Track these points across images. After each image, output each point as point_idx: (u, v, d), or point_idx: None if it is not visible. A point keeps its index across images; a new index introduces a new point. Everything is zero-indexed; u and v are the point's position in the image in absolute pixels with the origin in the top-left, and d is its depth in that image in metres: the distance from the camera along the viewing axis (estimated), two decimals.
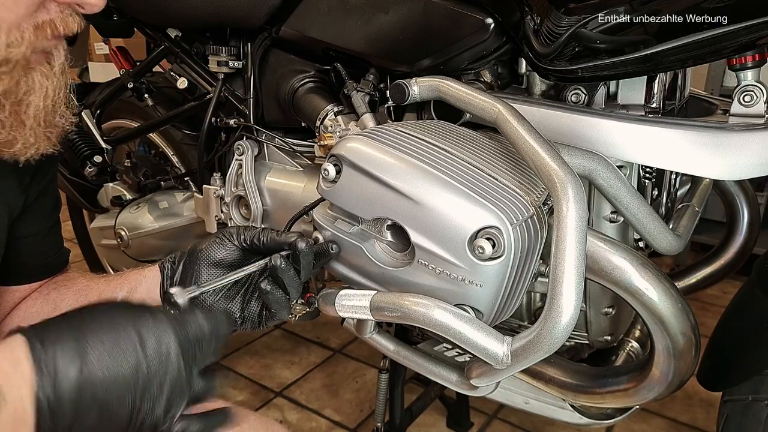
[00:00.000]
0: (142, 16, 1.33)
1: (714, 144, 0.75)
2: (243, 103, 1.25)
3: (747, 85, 0.77)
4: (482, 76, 0.96)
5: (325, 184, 0.74)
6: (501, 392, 1.05)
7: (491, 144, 0.80)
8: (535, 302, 1.02)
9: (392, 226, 0.73)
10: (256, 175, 1.23)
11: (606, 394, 0.88)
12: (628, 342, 1.08)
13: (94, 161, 1.51)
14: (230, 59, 1.24)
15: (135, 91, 1.43)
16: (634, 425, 1.60)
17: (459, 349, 0.85)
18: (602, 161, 0.81)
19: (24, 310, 0.80)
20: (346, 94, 1.04)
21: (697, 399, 1.69)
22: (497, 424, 1.63)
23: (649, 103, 0.86)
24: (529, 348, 0.64)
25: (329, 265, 0.78)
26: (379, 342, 0.89)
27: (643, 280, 0.73)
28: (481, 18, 0.88)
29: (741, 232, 1.25)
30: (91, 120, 1.50)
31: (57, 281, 0.83)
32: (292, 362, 1.90)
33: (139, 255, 1.58)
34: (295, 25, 1.10)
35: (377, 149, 0.71)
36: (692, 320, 0.75)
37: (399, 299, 0.69)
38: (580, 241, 0.62)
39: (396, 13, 0.95)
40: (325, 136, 1.06)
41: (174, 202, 1.55)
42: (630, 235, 0.95)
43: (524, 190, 0.70)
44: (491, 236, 0.64)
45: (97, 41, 2.30)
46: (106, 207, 1.71)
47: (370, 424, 1.61)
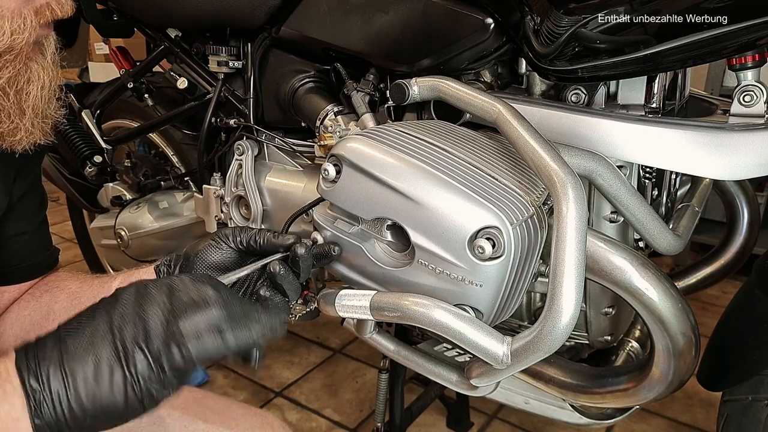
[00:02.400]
0: (142, 16, 1.33)
1: (714, 144, 0.75)
2: (243, 103, 1.25)
3: (747, 85, 0.77)
4: (482, 76, 0.96)
5: (325, 184, 0.74)
6: (501, 392, 1.05)
7: (491, 144, 0.80)
8: (535, 302, 1.02)
9: (392, 226, 0.73)
10: (256, 175, 1.23)
11: (606, 394, 0.88)
12: (628, 342, 1.08)
13: (94, 161, 1.51)
14: (230, 59, 1.24)
15: (135, 91, 1.43)
16: (634, 425, 1.60)
17: (459, 349, 0.85)
18: (602, 161, 0.81)
19: (16, 313, 0.80)
20: (346, 94, 1.04)
21: (697, 399, 1.69)
22: (497, 424, 1.63)
23: (649, 103, 0.86)
24: (529, 348, 0.64)
25: (329, 265, 0.78)
26: (379, 342, 0.89)
27: (643, 280, 0.73)
28: (481, 18, 0.88)
29: (741, 232, 1.25)
30: (91, 120, 1.50)
31: (49, 283, 0.83)
32: (292, 362, 1.90)
33: (139, 255, 1.58)
34: (295, 25, 1.10)
35: (377, 149, 0.71)
36: (692, 320, 0.75)
37: (399, 299, 0.69)
38: (580, 241, 0.62)
39: (396, 13, 0.95)
40: (325, 136, 1.06)
41: (174, 202, 1.55)
42: (630, 235, 0.95)
43: (524, 190, 0.70)
44: (491, 236, 0.64)
45: (97, 41, 2.30)
46: (106, 207, 1.71)
47: (370, 424, 1.61)
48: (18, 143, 0.64)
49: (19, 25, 0.57)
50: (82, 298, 0.78)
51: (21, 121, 0.63)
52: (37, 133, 0.65)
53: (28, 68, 0.61)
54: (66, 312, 0.77)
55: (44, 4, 0.60)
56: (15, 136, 0.63)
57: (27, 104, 0.63)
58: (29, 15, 0.58)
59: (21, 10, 0.58)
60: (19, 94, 0.61)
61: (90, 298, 0.77)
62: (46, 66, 0.64)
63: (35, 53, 0.62)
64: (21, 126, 0.63)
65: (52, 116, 0.67)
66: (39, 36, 0.62)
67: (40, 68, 0.63)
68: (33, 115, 0.64)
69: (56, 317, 0.77)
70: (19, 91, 0.61)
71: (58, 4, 0.61)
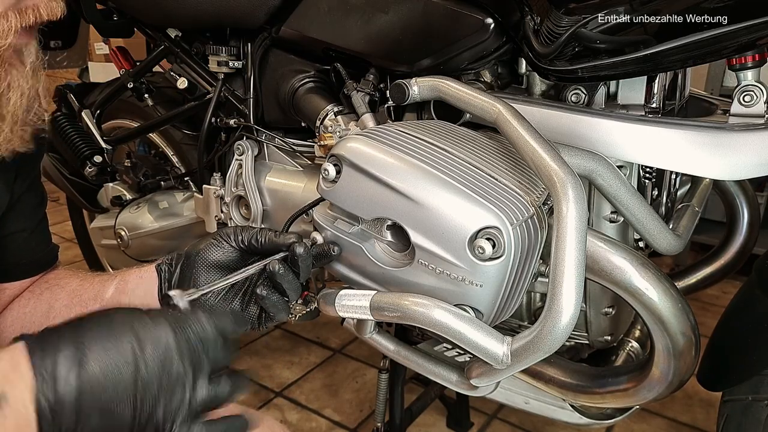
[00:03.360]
0: (142, 16, 1.33)
1: (714, 144, 0.75)
2: (243, 103, 1.25)
3: (747, 85, 0.77)
4: (482, 76, 0.96)
5: (325, 184, 0.74)
6: (501, 392, 1.05)
7: (491, 144, 0.80)
8: (535, 302, 1.02)
9: (392, 226, 0.73)
10: (256, 175, 1.23)
11: (606, 394, 0.88)
12: (628, 342, 1.08)
13: (94, 161, 1.51)
14: (230, 59, 1.24)
15: (135, 91, 1.43)
16: (634, 425, 1.60)
17: (459, 349, 0.85)
18: (602, 161, 0.81)
19: (17, 310, 0.80)
20: (346, 94, 1.04)
21: (697, 399, 1.70)
22: (497, 424, 1.63)
23: (649, 103, 0.86)
24: (529, 348, 0.64)
25: (329, 266, 0.78)
26: (379, 342, 0.89)
27: (643, 280, 0.73)
28: (481, 18, 0.88)
29: (741, 232, 1.25)
30: (91, 120, 1.50)
31: (49, 280, 0.83)
32: (292, 362, 1.90)
33: (139, 255, 1.58)
34: (295, 25, 1.10)
35: (377, 149, 0.71)
36: (692, 320, 0.75)
37: (399, 299, 0.69)
38: (580, 241, 0.62)
39: (396, 13, 0.95)
40: (325, 136, 1.06)
41: (174, 202, 1.55)
42: (630, 235, 0.95)
43: (524, 190, 0.70)
44: (491, 236, 0.64)
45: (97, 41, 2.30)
46: (106, 207, 1.71)
47: (370, 424, 1.61)
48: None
49: (4, 30, 0.57)
50: (83, 296, 0.78)
51: (1, 126, 0.63)
52: (15, 140, 0.65)
53: (8, 74, 0.61)
54: (66, 309, 0.77)
55: (32, 5, 0.59)
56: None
57: (7, 110, 0.62)
58: (13, 16, 0.58)
59: (6, 13, 0.57)
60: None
61: (90, 296, 0.78)
62: (25, 74, 0.63)
63: (15, 61, 0.62)
64: (0, 131, 0.63)
65: (31, 123, 0.67)
66: (18, 45, 0.61)
67: (20, 75, 0.62)
68: (12, 122, 0.63)
69: (57, 315, 0.77)
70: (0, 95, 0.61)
71: (46, 7, 0.60)
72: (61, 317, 0.77)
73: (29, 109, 0.65)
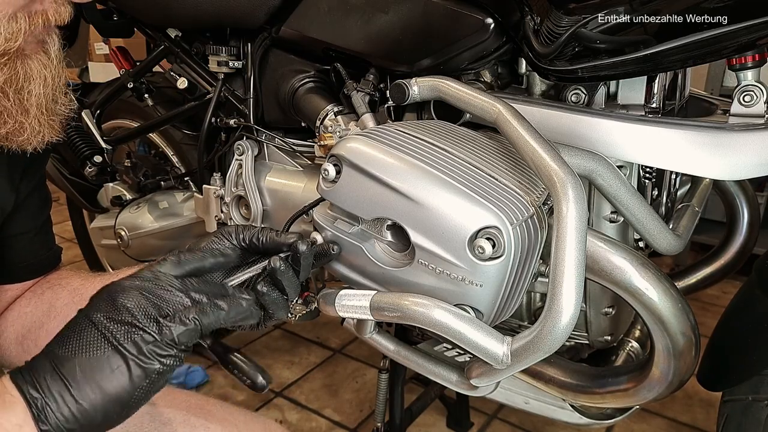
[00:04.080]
0: (142, 16, 1.33)
1: (714, 144, 0.75)
2: (243, 103, 1.25)
3: (747, 85, 0.77)
4: (482, 76, 0.96)
5: (325, 184, 0.74)
6: (501, 392, 1.05)
7: (491, 144, 0.80)
8: (535, 302, 1.02)
9: (392, 226, 0.73)
10: (256, 175, 1.23)
11: (606, 394, 0.88)
12: (628, 342, 1.08)
13: (94, 161, 1.51)
14: (230, 59, 1.24)
15: (135, 91, 1.43)
16: (634, 425, 1.60)
17: (459, 349, 0.85)
18: (602, 161, 0.81)
19: (18, 311, 0.80)
20: (346, 94, 1.04)
21: (697, 399, 1.70)
22: (497, 424, 1.63)
23: (649, 103, 0.86)
24: (529, 348, 0.64)
25: (329, 265, 0.78)
26: (379, 342, 0.89)
27: (643, 280, 0.73)
28: (481, 18, 0.88)
29: (741, 232, 1.25)
30: (91, 120, 1.50)
31: (51, 280, 0.83)
32: (292, 362, 1.90)
33: (139, 255, 1.58)
34: (295, 25, 1.10)
35: (377, 149, 0.71)
36: (692, 320, 0.75)
37: (399, 299, 0.69)
38: (580, 241, 0.62)
39: (396, 13, 0.95)
40: (325, 136, 1.06)
41: (174, 202, 1.55)
42: (630, 235, 0.95)
43: (524, 190, 0.70)
44: (491, 236, 0.64)
45: (97, 41, 2.29)
46: (106, 207, 1.71)
47: (370, 424, 1.61)
48: (26, 142, 0.64)
49: (13, 30, 0.57)
50: (84, 295, 0.78)
51: (26, 120, 0.62)
52: (44, 131, 0.65)
53: (26, 67, 0.61)
54: (68, 308, 0.77)
55: (40, 10, 0.59)
56: (21, 135, 0.63)
57: (30, 102, 0.62)
58: (23, 18, 0.58)
59: (16, 15, 0.57)
60: (19, 93, 0.61)
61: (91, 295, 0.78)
62: (49, 64, 0.63)
63: (37, 51, 0.62)
64: (26, 125, 0.63)
65: (61, 112, 0.67)
66: (41, 34, 0.61)
67: (41, 66, 0.62)
68: (38, 113, 0.63)
69: (58, 314, 0.77)
70: (19, 90, 0.61)
71: (55, 12, 0.61)
72: (61, 316, 0.77)
73: (55, 99, 0.65)
